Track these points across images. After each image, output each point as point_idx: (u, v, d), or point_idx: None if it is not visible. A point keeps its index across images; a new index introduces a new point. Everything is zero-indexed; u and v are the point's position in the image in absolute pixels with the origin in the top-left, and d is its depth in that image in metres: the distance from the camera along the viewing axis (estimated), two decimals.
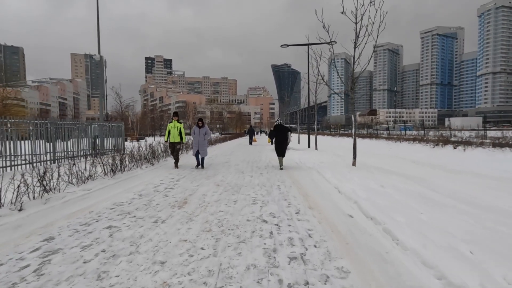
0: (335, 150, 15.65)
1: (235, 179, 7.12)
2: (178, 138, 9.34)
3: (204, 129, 9.39)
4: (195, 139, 9.32)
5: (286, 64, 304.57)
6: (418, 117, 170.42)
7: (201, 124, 9.50)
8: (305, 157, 11.58)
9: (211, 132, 9.38)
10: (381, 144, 18.38)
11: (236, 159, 11.80)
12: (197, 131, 9.39)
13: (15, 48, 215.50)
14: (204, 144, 9.29)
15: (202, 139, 9.23)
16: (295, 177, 7.40)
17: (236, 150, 17.07)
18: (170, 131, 9.35)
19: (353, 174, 7.11)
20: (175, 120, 9.47)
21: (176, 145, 9.34)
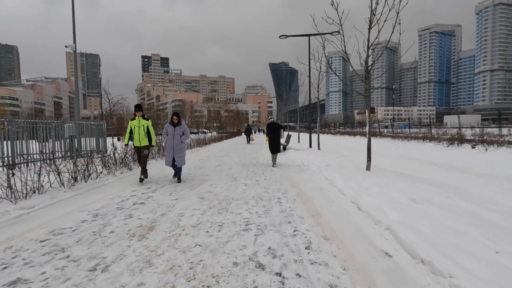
0: (338, 149, 14.36)
1: (225, 189, 5.77)
2: (146, 140, 6.70)
3: (180, 128, 6.75)
4: (169, 142, 6.73)
5: (283, 63, 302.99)
6: (416, 115, 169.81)
7: (176, 120, 6.78)
8: (308, 158, 10.27)
9: (189, 132, 7.09)
10: (387, 143, 17.09)
11: (230, 161, 10.47)
12: (171, 131, 6.74)
13: (9, 46, 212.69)
14: (180, 148, 6.71)
15: (178, 142, 6.69)
16: (299, 185, 6.06)
17: (231, 151, 15.73)
18: (134, 131, 6.66)
19: (370, 181, 5.80)
20: (138, 117, 6.66)
21: (143, 150, 6.69)
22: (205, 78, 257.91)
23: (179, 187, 6.02)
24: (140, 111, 6.73)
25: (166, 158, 6.84)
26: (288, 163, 9.99)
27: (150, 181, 6.72)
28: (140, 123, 6.71)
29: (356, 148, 15.26)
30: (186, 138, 6.86)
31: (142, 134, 6.65)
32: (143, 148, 6.73)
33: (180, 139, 6.72)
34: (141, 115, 6.72)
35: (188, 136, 6.90)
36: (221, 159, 11.11)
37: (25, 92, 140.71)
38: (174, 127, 6.75)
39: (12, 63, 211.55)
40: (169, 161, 6.72)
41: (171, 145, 6.70)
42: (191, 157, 12.22)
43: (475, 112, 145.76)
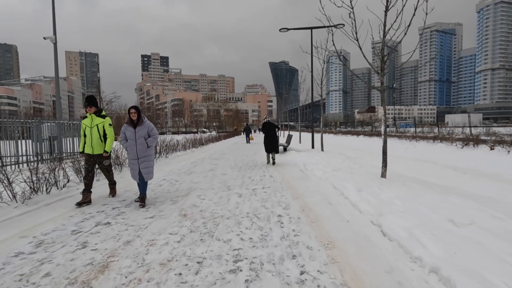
0: (343, 150, 13.36)
1: (215, 202, 4.78)
2: (100, 146, 4.94)
3: (143, 128, 4.72)
4: (130, 149, 4.72)
5: (284, 62, 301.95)
6: (417, 114, 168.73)
7: (135, 117, 4.68)
8: (311, 161, 9.28)
9: (158, 133, 5.05)
10: (394, 143, 16.09)
11: (225, 164, 9.49)
12: (131, 134, 4.71)
13: (8, 45, 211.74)
14: (147, 156, 4.77)
15: (144, 147, 4.71)
16: (304, 197, 5.07)
17: (228, 152, 14.74)
18: (86, 134, 4.92)
19: (388, 192, 4.82)
20: (91, 114, 4.91)
21: (98, 159, 5.01)
22: (205, 77, 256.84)
23: (160, 199, 5.03)
24: (92, 105, 4.88)
25: (131, 170, 4.85)
26: (289, 166, 9.01)
27: (130, 190, 5.74)
28: (93, 122, 4.88)
29: (362, 149, 14.27)
30: (153, 142, 4.85)
31: (95, 138, 4.87)
32: (97, 157, 4.96)
33: (146, 143, 4.74)
34: (94, 112, 4.91)
35: (155, 138, 4.90)
36: (216, 162, 10.12)
37: (23, 91, 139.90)
38: (134, 127, 4.70)
39: (11, 62, 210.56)
40: (135, 174, 4.78)
41: (134, 152, 4.68)
42: (184, 159, 11.24)
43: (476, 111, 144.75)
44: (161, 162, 10.13)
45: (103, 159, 5.08)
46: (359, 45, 5.96)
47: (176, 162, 10.41)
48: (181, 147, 14.08)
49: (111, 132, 5.07)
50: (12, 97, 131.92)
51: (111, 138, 5.04)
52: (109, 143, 5.03)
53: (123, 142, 4.79)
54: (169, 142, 12.26)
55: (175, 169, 8.59)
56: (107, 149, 5.01)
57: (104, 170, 5.21)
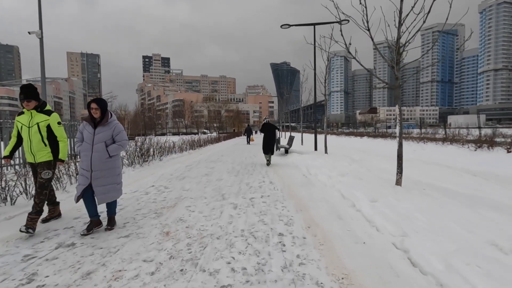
0: (347, 153, 12.66)
1: (205, 216, 4.10)
2: (45, 152, 3.61)
3: (107, 129, 3.54)
4: (83, 153, 3.49)
5: (285, 62, 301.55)
6: (419, 115, 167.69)
7: (97, 114, 3.48)
8: (314, 164, 8.59)
9: (127, 139, 3.70)
10: (389, 144, 15.43)
11: (222, 168, 8.81)
12: (88, 135, 3.50)
13: (9, 46, 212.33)
14: (107, 169, 3.52)
15: (103, 157, 3.48)
16: (309, 208, 4.39)
17: (227, 154, 14.06)
18: (23, 136, 3.61)
19: (407, 203, 4.13)
20: (28, 111, 3.54)
21: (40, 170, 3.56)
22: (206, 78, 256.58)
23: (142, 211, 4.35)
24: (31, 99, 3.48)
25: (78, 183, 3.48)
26: (291, 171, 8.32)
27: None
28: (33, 120, 3.54)
29: (367, 152, 13.55)
30: (117, 150, 3.58)
31: (36, 141, 3.53)
32: (41, 166, 3.54)
33: (106, 151, 3.45)
34: (34, 107, 3.53)
35: (122, 146, 3.62)
36: (212, 165, 9.44)
37: None
38: (94, 127, 3.48)
39: (12, 63, 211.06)
40: (80, 190, 3.41)
41: (87, 161, 3.41)
42: (179, 161, 10.57)
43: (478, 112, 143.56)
44: (154, 165, 9.46)
45: (44, 170, 3.52)
46: (371, 36, 5.27)
47: (170, 165, 9.74)
48: (177, 149, 13.42)
49: (63, 133, 3.72)
50: (13, 98, 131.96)
51: (64, 141, 3.71)
52: (63, 149, 3.69)
53: (78, 144, 3.56)
54: (163, 144, 11.60)
55: (167, 173, 7.93)
56: (61, 156, 3.67)
57: (39, 186, 3.51)
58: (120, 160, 3.80)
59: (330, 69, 11.88)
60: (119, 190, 3.70)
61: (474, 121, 71.46)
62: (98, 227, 3.55)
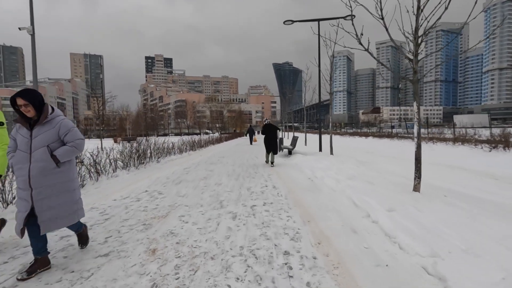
0: (353, 154, 12.12)
1: (199, 229, 3.57)
2: None
3: (51, 127, 2.55)
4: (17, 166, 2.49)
5: (287, 63, 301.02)
6: (423, 115, 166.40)
7: (30, 111, 2.48)
8: (320, 166, 8.07)
9: (82, 137, 2.64)
10: (408, 146, 14.82)
11: (222, 170, 8.31)
12: (23, 138, 2.50)
13: (13, 48, 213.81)
14: (51, 183, 2.51)
15: (46, 167, 2.48)
16: (317, 219, 3.85)
17: (228, 155, 13.56)
18: None
19: (431, 214, 3.61)
20: None
21: None
22: (208, 79, 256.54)
23: (129, 222, 3.85)
24: None
25: (17, 205, 2.54)
26: (296, 173, 7.80)
27: (96, 208, 4.56)
28: None
29: (374, 153, 12.99)
30: (72, 154, 2.63)
31: None
32: None
33: (51, 159, 2.51)
34: None
35: (78, 146, 2.64)
36: (212, 168, 8.94)
37: None
38: (30, 129, 2.53)
39: (16, 65, 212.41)
40: (21, 219, 2.44)
41: (24, 175, 2.46)
42: (178, 163, 10.08)
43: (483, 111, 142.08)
44: (151, 168, 8.98)
45: None
46: (385, 25, 4.75)
47: (168, 167, 9.26)
48: (177, 150, 12.95)
49: (3, 137, 2.97)
50: None
51: (2, 149, 2.94)
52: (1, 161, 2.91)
53: (10, 152, 2.59)
54: (161, 145, 11.13)
55: (164, 176, 7.44)
56: None
57: None
58: (75, 169, 2.80)
59: (336, 66, 11.37)
60: (77, 211, 2.72)
61: (479, 120, 70.30)
62: (44, 269, 2.54)
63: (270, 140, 9.69)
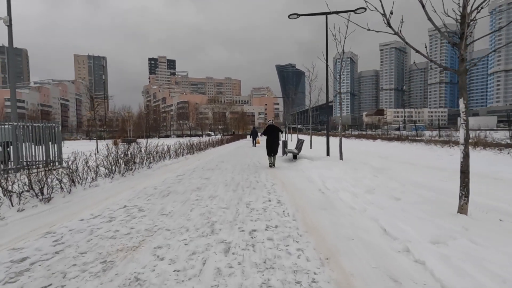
0: (364, 158, 11.07)
1: (175, 275, 2.57)
2: None
3: None
4: None
5: (290, 64, 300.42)
6: (427, 117, 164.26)
7: None
8: (331, 175, 7.06)
9: None
10: (423, 150, 13.76)
11: (219, 179, 7.30)
12: None
13: (18, 49, 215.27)
14: None
15: None
16: (341, 258, 2.83)
17: (228, 159, 12.59)
18: None
19: (498, 252, 2.60)
20: None
21: None
22: (211, 80, 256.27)
23: (84, 259, 2.86)
24: None
25: None
26: (303, 183, 6.79)
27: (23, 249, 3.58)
28: None
29: (387, 158, 11.91)
30: None
31: None
32: None
33: None
34: None
35: None
36: (208, 175, 7.95)
37: (31, 94, 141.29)
38: None
39: (21, 66, 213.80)
40: None
41: None
42: (171, 169, 9.11)
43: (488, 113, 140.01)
44: (140, 175, 8.01)
45: None
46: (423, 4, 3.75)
47: (160, 174, 8.29)
48: (172, 154, 11.98)
49: None
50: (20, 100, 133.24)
51: None
52: None
53: None
54: (155, 149, 10.16)
55: (151, 186, 6.46)
56: None
57: None
58: None
59: (345, 64, 10.37)
60: None
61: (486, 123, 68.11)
62: None
63: (272, 142, 10.01)
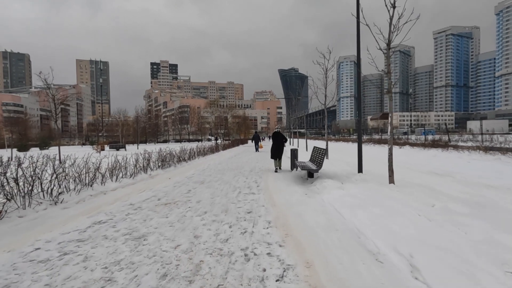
0: (417, 177, 7.31)
1: None
2: None
3: None
4: None
5: (293, 69, 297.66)
6: (434, 121, 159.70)
7: None
8: (407, 235, 3.33)
9: None
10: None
11: (203, 207, 3.61)
12: None
13: (21, 55, 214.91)
14: None
15: None
16: None
17: (227, 168, 8.91)
18: None
19: None
20: None
21: None
22: (214, 84, 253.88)
23: None
24: None
25: None
26: (349, 258, 3.01)
27: None
28: None
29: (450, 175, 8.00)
30: None
31: None
32: None
33: None
34: None
35: None
36: (190, 198, 4.23)
37: (30, 98, 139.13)
38: None
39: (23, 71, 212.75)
40: None
41: None
42: (126, 193, 5.38)
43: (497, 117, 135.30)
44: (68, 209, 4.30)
45: None
46: None
47: (102, 204, 4.61)
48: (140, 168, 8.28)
49: None
50: (19, 105, 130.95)
51: None
52: None
53: None
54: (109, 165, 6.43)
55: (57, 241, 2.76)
56: None
57: None
58: None
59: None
60: None
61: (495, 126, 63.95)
62: None
63: (277, 147, 10.57)
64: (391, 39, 5.81)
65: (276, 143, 10.62)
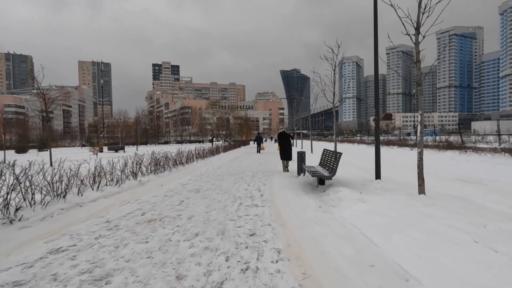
0: (448, 186, 6.34)
1: None
2: None
3: None
4: None
5: (295, 70, 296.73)
6: (437, 121, 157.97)
7: None
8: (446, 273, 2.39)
9: None
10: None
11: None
12: None
13: (23, 56, 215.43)
14: None
15: None
16: None
17: (228, 173, 7.99)
18: None
19: None
20: None
21: None
22: (215, 85, 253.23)
23: None
24: None
25: None
26: None
27: None
28: None
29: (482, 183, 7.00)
30: None
31: None
32: None
33: None
34: None
35: None
36: (182, 216, 3.33)
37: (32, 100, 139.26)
38: None
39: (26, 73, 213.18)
40: None
41: None
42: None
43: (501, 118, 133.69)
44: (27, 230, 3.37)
45: None
46: None
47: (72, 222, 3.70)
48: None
49: None
50: (20, 106, 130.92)
51: None
52: None
53: None
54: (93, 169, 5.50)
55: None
56: None
57: None
58: None
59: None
60: None
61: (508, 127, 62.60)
62: None
63: (285, 149, 10.44)
64: (420, 21, 4.86)
65: (283, 144, 10.54)
